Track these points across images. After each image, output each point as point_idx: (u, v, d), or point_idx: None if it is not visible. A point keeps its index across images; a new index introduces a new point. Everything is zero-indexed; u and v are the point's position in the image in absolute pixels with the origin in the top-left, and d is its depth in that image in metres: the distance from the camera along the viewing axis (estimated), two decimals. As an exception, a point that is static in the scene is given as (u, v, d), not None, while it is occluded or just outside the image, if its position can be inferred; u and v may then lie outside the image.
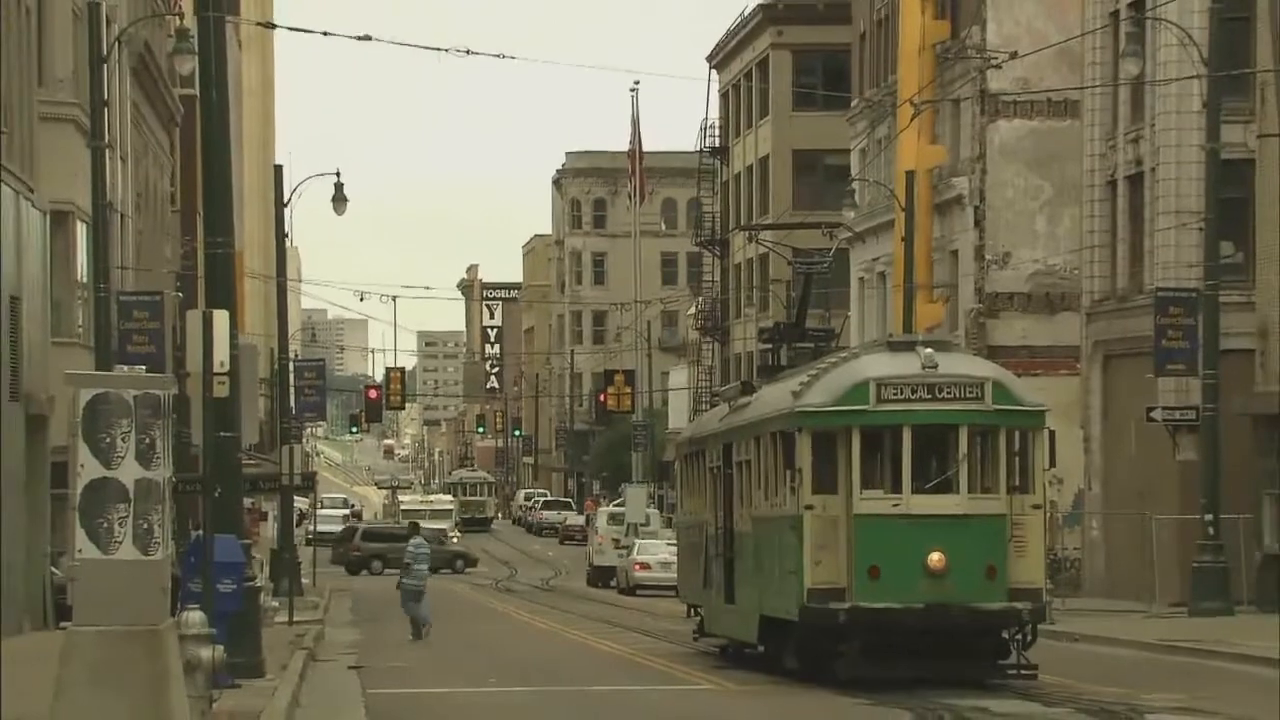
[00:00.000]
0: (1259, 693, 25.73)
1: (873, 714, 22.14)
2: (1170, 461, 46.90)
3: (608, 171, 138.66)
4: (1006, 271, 57.52)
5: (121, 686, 14.77)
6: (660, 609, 49.75)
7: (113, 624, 14.87)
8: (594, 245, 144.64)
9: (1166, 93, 47.24)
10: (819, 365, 28.89)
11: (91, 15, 39.44)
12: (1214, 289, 41.79)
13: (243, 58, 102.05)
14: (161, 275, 55.21)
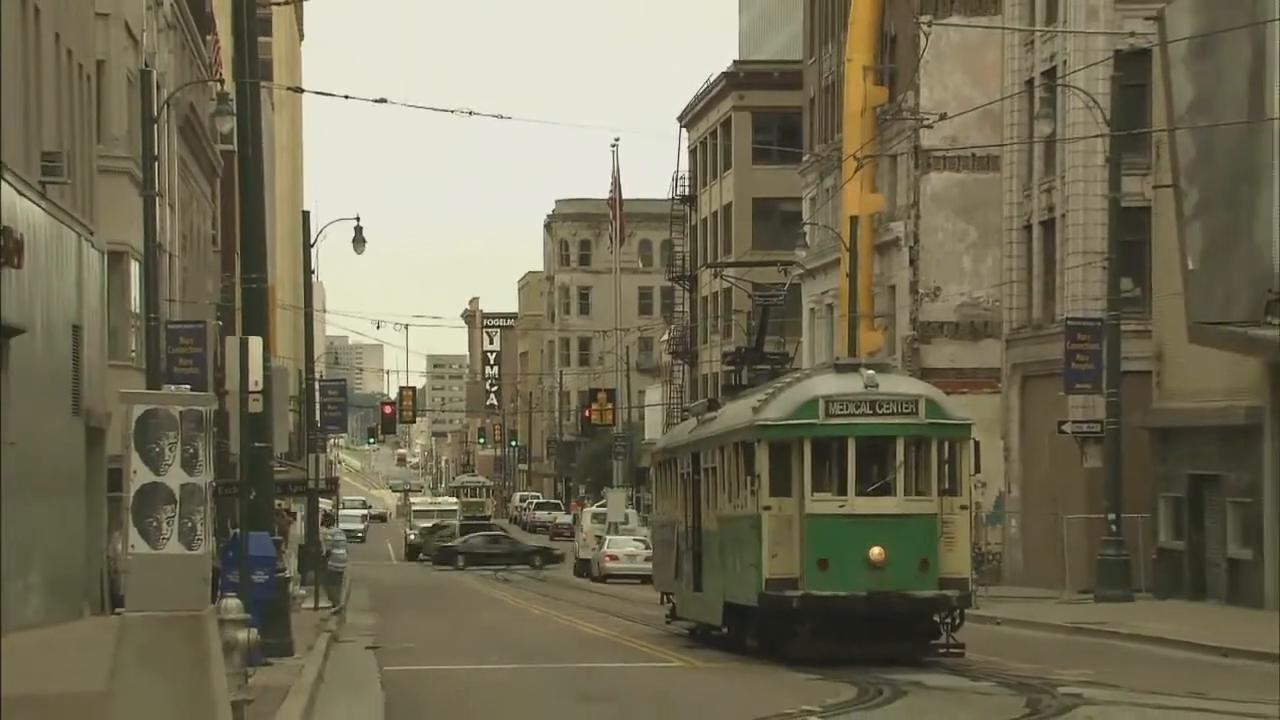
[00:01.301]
0: (1156, 668, 25.81)
1: (822, 687, 22.12)
2: (1078, 468, 47.00)
3: (592, 216, 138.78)
4: (937, 304, 57.59)
5: (168, 665, 14.71)
6: (633, 595, 49.73)
7: (160, 610, 14.80)
8: (580, 281, 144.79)
9: (1074, 149, 47.39)
10: (775, 385, 28.92)
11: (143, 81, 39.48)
12: (1116, 319, 41.94)
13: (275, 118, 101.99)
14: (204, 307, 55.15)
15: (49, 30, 33.60)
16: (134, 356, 41.23)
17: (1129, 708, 19.98)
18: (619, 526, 72.06)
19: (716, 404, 33.76)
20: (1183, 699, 20.61)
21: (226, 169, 60.33)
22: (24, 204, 31.01)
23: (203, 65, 61.15)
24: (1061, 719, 18.81)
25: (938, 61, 57.10)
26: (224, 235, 64.39)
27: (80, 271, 36.53)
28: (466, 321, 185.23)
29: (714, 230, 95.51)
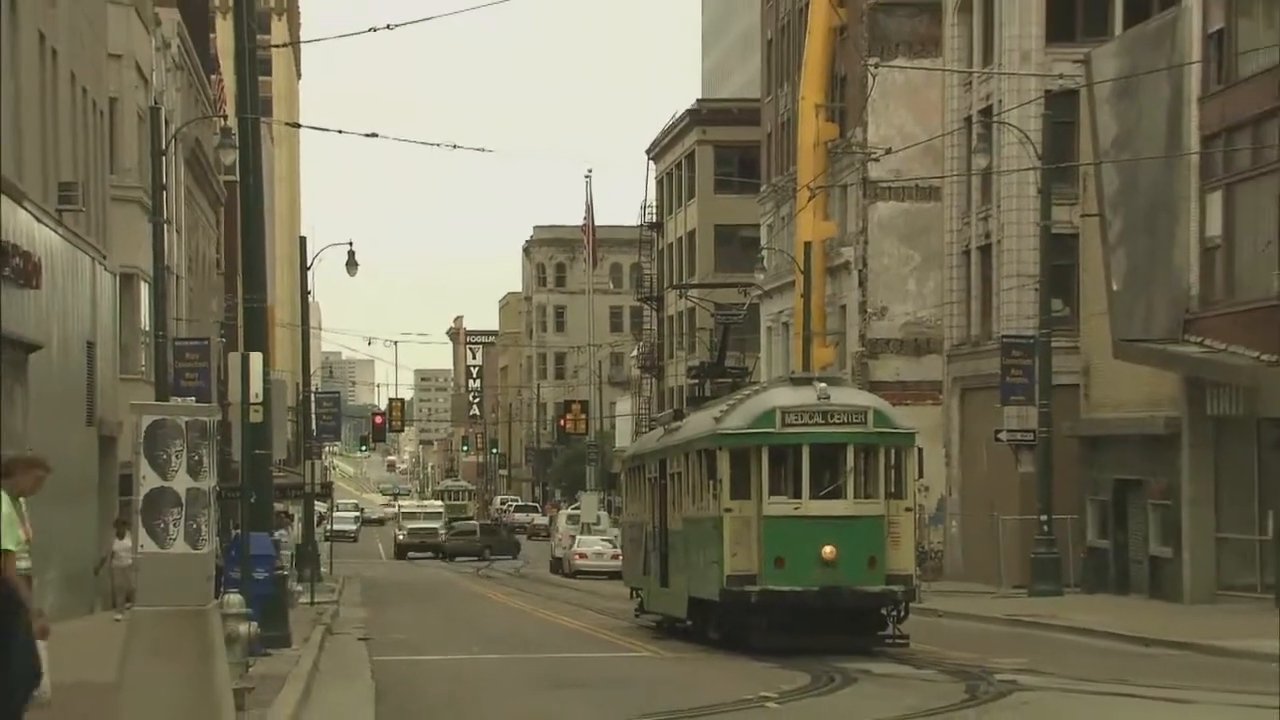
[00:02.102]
0: (1084, 656, 25.85)
1: (779, 675, 22.11)
2: (1013, 473, 47.11)
3: (567, 242, 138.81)
4: (884, 322, 57.71)
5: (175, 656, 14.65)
6: (603, 590, 49.68)
7: (168, 605, 14.74)
8: (556, 301, 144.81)
9: (1009, 181, 47.54)
10: (736, 396, 28.93)
11: (153, 117, 39.44)
12: (1047, 336, 42.07)
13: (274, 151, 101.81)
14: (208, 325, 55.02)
15: (65, 70, 33.53)
16: (143, 371, 41.11)
17: (1060, 693, 20.02)
18: (591, 527, 72.06)
19: (682, 414, 33.74)
20: (1109, 685, 20.66)
21: (229, 197, 60.20)
22: (42, 230, 30.94)
23: (207, 102, 61.03)
24: (998, 704, 18.83)
25: (884, 100, 57.29)
26: (227, 259, 64.24)
27: (94, 292, 36.45)
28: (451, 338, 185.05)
29: (679, 254, 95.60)
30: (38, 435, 30.00)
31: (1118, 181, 40.21)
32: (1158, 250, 38.67)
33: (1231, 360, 35.47)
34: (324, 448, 73.75)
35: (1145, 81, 38.80)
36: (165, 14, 49.90)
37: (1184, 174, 37.85)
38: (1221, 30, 37.04)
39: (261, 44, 33.47)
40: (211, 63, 65.69)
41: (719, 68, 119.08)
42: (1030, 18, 48.06)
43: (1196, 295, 37.49)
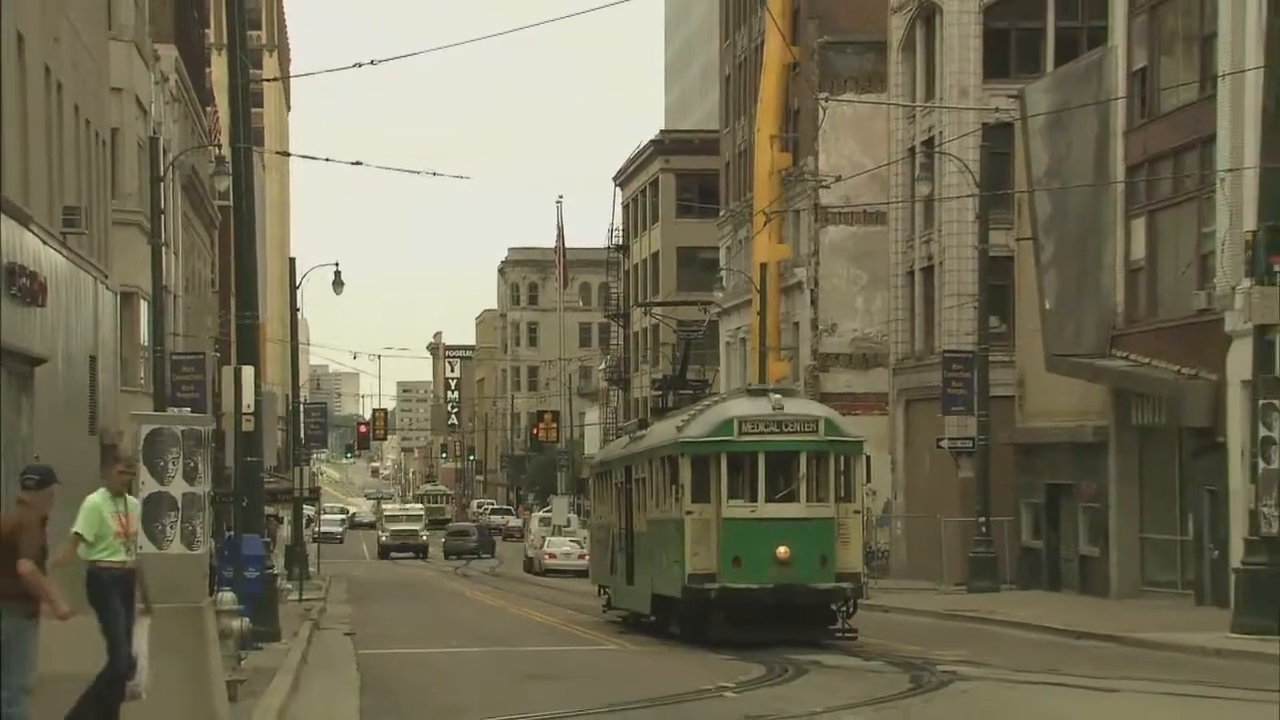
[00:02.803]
0: (1019, 648, 25.93)
1: (736, 666, 22.13)
2: (954, 478, 47.21)
3: (539, 262, 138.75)
4: (834, 338, 57.81)
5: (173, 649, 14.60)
6: (572, 588, 49.62)
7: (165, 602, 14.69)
8: (529, 318, 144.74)
9: (949, 207, 47.72)
10: (696, 407, 28.94)
11: (151, 146, 39.37)
12: (985, 351, 42.20)
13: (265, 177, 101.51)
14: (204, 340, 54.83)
15: (70, 102, 33.43)
16: (143, 383, 40.93)
17: (996, 683, 20.07)
18: (562, 529, 72.07)
19: (646, 423, 33.76)
20: (1041, 675, 20.72)
21: (223, 221, 60.02)
22: (47, 251, 30.82)
23: (203, 132, 60.85)
24: (939, 693, 18.87)
25: (834, 132, 57.43)
26: (221, 278, 64.05)
27: (96, 309, 36.29)
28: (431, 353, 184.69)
29: (644, 274, 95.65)
30: (43, 443, 29.85)
31: (1049, 208, 40.36)
32: (1086, 272, 38.84)
33: (1154, 374, 35.64)
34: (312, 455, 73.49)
35: (1075, 115, 38.99)
36: (164, 50, 49.78)
37: (1110, 201, 38.05)
38: (1145, 68, 37.26)
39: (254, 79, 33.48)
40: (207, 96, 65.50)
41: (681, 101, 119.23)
42: (968, 56, 48.31)
43: (1122, 313, 37.67)
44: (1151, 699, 18.33)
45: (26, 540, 12.06)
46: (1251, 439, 26.15)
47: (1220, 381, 32.36)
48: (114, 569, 13.25)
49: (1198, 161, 34.54)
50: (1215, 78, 33.03)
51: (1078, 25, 47.04)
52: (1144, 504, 37.53)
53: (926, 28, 50.70)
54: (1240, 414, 29.71)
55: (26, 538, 12.08)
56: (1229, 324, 31.28)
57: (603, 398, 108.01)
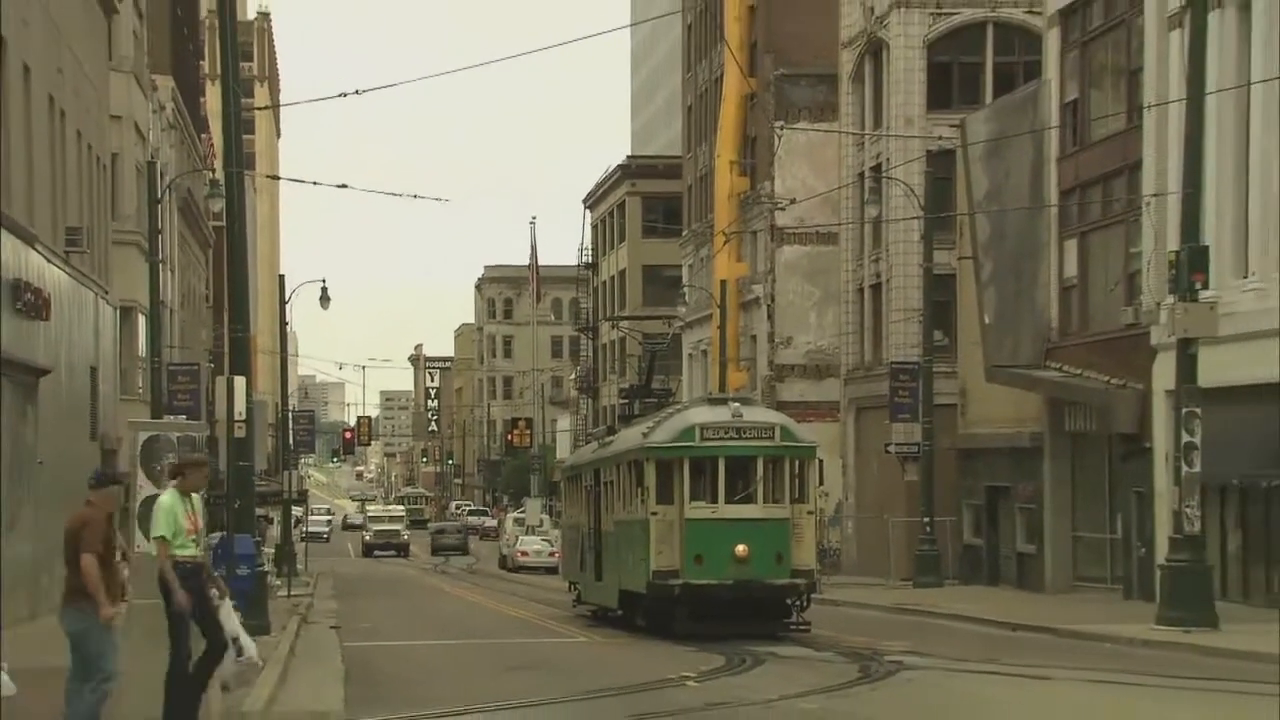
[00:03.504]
0: (961, 639, 25.99)
1: (698, 657, 22.13)
2: (900, 481, 47.37)
3: (514, 279, 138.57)
4: (789, 350, 57.92)
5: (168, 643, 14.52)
6: (544, 584, 49.52)
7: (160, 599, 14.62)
8: (504, 331, 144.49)
9: (896, 228, 47.90)
10: (661, 415, 28.92)
11: (149, 170, 39.23)
12: (929, 363, 42.38)
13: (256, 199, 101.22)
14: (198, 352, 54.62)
15: (72, 128, 33.30)
16: (140, 392, 40.78)
17: (940, 671, 20.12)
18: (534, 529, 71.98)
19: (614, 430, 33.74)
20: (981, 664, 20.78)
21: (216, 240, 59.81)
22: (51, 269, 30.69)
23: (198, 157, 60.66)
24: (886, 681, 18.91)
25: (789, 158, 57.59)
26: (214, 294, 63.79)
27: (97, 323, 36.13)
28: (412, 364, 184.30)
29: (612, 291, 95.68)
30: (47, 448, 29.71)
31: (988, 229, 40.55)
32: (1023, 289, 39.02)
33: (1086, 384, 35.81)
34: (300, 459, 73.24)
35: (1011, 143, 39.19)
36: (161, 80, 49.66)
37: (1045, 223, 38.24)
38: (1076, 100, 37.48)
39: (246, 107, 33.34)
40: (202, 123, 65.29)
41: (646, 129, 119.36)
42: (913, 88, 48.52)
43: (1056, 328, 37.85)
44: (1082, 686, 18.42)
45: (90, 536, 12.13)
46: (1175, 444, 26.29)
47: (1146, 391, 32.54)
48: (186, 563, 13.48)
49: (1125, 186, 34.76)
50: (1141, 109, 33.24)
51: (1014, 60, 47.36)
52: (1076, 505, 37.70)
53: (874, 62, 50.89)
54: (1165, 421, 29.89)
55: (90, 534, 12.15)
56: (1154, 338, 31.46)
57: (573, 406, 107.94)
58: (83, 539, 12.09)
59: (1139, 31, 33.74)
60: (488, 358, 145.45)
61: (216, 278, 62.45)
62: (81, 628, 12.08)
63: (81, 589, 12.00)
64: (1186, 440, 25.63)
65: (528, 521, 74.93)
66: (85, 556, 12.01)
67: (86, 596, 12.01)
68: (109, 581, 12.23)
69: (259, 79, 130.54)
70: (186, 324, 54.98)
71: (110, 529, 12.51)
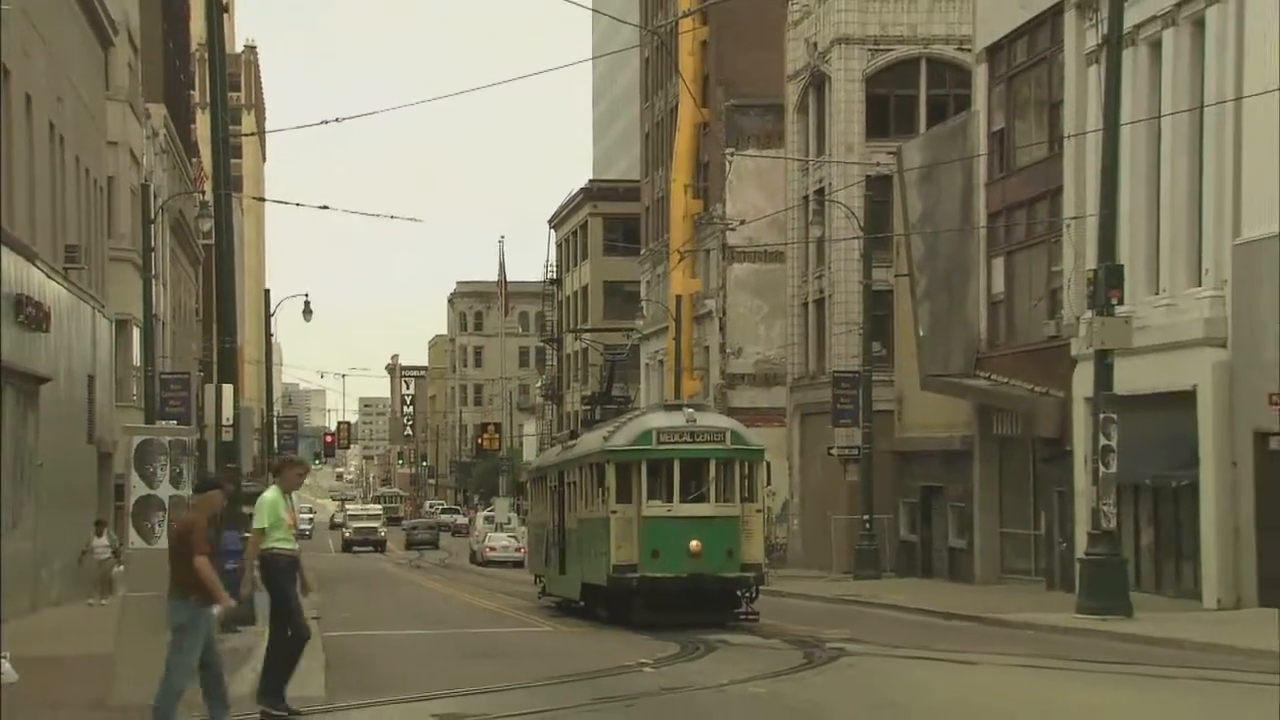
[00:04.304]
0: (898, 628, 26.07)
1: (654, 645, 22.12)
2: (842, 481, 47.47)
3: (484, 294, 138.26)
4: (740, 360, 58.03)
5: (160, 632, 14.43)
6: (511, 577, 49.41)
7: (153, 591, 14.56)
8: (475, 342, 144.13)
9: (838, 248, 48.07)
10: (620, 420, 28.94)
11: (143, 193, 39.00)
12: (868, 372, 42.54)
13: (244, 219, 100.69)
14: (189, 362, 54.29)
15: (71, 154, 33.13)
16: (135, 399, 40.53)
17: (878, 658, 20.18)
18: (503, 526, 71.86)
19: (577, 434, 33.68)
20: (916, 650, 20.85)
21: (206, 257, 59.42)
22: (51, 284, 30.51)
23: (189, 180, 60.34)
24: (828, 666, 18.95)
25: (739, 182, 57.76)
26: (204, 307, 63.42)
27: (94, 335, 35.91)
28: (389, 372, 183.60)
29: (575, 305, 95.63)
30: (47, 451, 29.51)
31: (923, 249, 40.75)
32: (954, 304, 39.21)
33: (1012, 391, 36.02)
34: (284, 462, 72.90)
35: (944, 169, 39.42)
36: (154, 109, 49.39)
37: (974, 243, 38.46)
38: (1003, 130, 37.73)
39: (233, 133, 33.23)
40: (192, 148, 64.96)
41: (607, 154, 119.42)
42: (853, 118, 48.76)
43: (985, 339, 38.04)
44: (1007, 670, 18.52)
45: (199, 538, 12.23)
46: (1093, 447, 26.49)
47: (1067, 398, 32.75)
48: (286, 555, 13.82)
49: (1047, 210, 34.99)
50: (1062, 138, 33.50)
51: (946, 92, 47.65)
52: (1003, 503, 37.88)
53: (818, 93, 51.11)
54: (1084, 426, 30.09)
55: (198, 535, 12.25)
56: (1074, 349, 31.68)
57: (539, 411, 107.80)
58: (192, 542, 12.22)
59: (1060, 67, 34.00)
60: (459, 367, 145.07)
61: (206, 292, 62.08)
62: (185, 620, 12.19)
63: (188, 585, 12.10)
64: (1103, 443, 25.83)
65: (496, 519, 74.77)
66: (198, 559, 12.12)
67: (194, 591, 12.10)
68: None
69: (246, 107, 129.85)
70: (178, 336, 54.64)
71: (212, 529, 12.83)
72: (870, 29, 48.54)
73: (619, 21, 74.96)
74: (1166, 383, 28.23)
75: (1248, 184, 27.07)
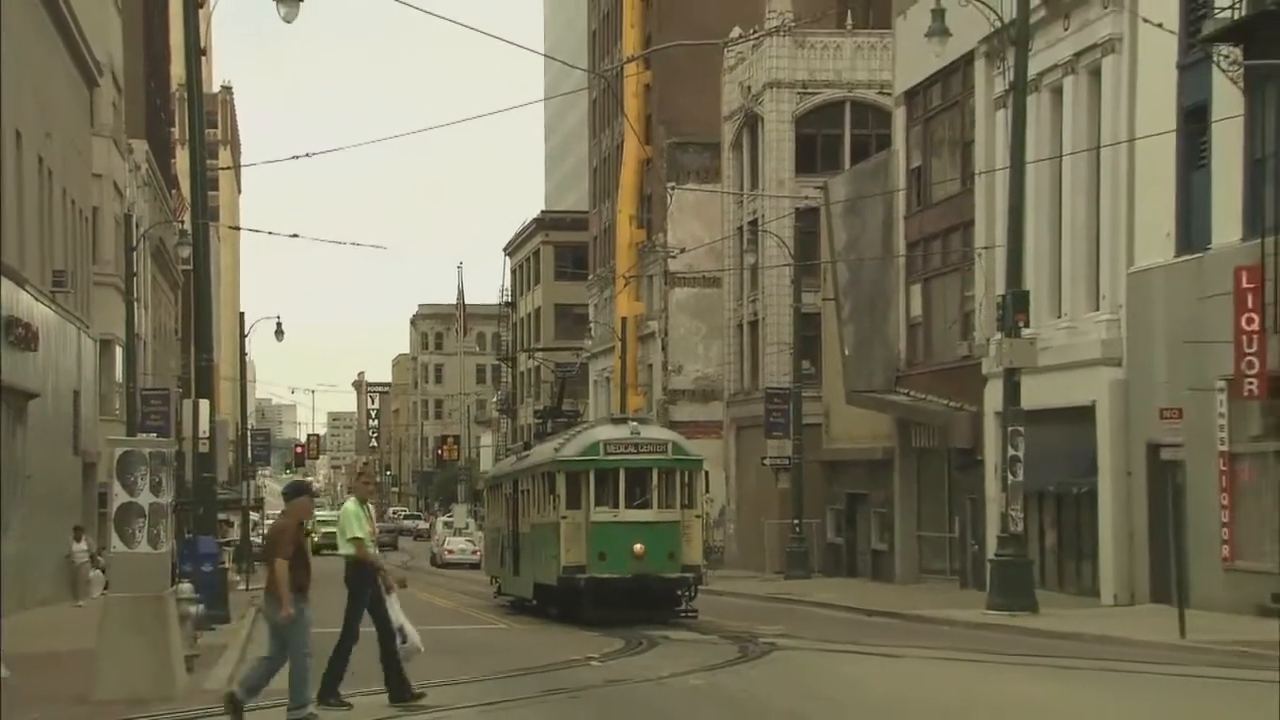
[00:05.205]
0: (825, 624, 26.16)
1: (601, 641, 22.08)
2: (774, 489, 47.62)
3: (444, 316, 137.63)
4: (680, 377, 58.09)
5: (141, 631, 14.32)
6: (471, 578, 49.09)
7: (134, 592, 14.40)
8: (435, 360, 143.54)
9: (770, 274, 48.27)
10: (570, 432, 28.93)
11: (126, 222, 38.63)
12: (798, 388, 42.70)
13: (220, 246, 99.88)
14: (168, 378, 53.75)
15: (59, 186, 32.80)
16: (117, 413, 40.05)
17: (808, 652, 20.23)
18: (461, 531, 71.57)
19: (530, 446, 33.62)
20: (843, 644, 20.92)
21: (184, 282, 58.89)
22: (39, 307, 30.17)
23: (169, 210, 59.82)
24: (761, 660, 18.98)
25: (680, 213, 57.90)
26: (182, 328, 62.80)
27: (79, 353, 35.51)
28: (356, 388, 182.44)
29: (529, 326, 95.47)
30: (36, 462, 29.16)
31: (848, 275, 40.97)
32: (876, 326, 39.44)
33: (929, 406, 36.25)
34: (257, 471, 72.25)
35: (867, 203, 39.69)
36: (136, 144, 48.95)
37: (894, 271, 38.73)
38: (919, 167, 38.05)
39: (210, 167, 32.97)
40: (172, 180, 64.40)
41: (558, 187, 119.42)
42: (784, 155, 49.04)
43: (904, 359, 38.28)
44: (928, 662, 18.63)
45: (284, 541, 12.22)
46: (1002, 457, 26.72)
47: (979, 412, 33.00)
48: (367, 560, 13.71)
49: (960, 240, 35.29)
50: (973, 175, 33.83)
51: (868, 132, 48.03)
52: (921, 509, 38.08)
53: (751, 133, 51.37)
54: (994, 438, 30.35)
55: (283, 539, 12.25)
56: (985, 368, 31.95)
57: (495, 425, 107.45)
58: (276, 545, 12.21)
59: (970, 111, 34.35)
60: (421, 383, 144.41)
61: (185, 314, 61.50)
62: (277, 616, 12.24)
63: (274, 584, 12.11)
64: (1011, 454, 26.06)
65: (455, 524, 74.47)
66: (277, 561, 12.12)
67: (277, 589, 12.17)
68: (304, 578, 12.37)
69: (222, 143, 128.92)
70: (158, 354, 54.09)
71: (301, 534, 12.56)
72: (799, 74, 48.88)
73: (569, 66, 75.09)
74: (1068, 399, 28.52)
75: (1140, 218, 27.45)
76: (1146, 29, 25.76)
